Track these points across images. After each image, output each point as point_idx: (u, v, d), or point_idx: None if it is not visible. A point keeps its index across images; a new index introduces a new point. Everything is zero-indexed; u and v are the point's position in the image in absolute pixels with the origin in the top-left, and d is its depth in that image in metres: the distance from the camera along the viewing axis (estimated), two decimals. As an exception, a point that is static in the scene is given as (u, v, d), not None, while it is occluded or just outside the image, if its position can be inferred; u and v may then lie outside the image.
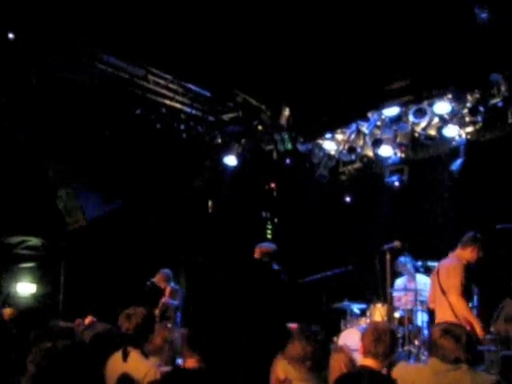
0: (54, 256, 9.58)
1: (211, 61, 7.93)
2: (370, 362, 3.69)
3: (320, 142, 9.59)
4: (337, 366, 3.81)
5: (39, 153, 8.61)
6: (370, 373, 3.61)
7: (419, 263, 8.34)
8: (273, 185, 11.06)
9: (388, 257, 7.09)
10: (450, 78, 7.56)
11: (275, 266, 7.63)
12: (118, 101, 8.60)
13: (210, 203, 10.73)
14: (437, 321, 5.92)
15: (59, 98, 8.14)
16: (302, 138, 9.16)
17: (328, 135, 9.34)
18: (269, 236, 10.96)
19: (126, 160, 8.85)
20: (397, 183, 9.84)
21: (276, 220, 11.21)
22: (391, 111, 8.32)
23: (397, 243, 7.16)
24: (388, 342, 3.76)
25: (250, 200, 10.76)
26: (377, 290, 7.67)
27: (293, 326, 8.57)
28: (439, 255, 8.34)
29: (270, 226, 11.16)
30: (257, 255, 7.40)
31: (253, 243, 7.89)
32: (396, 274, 8.77)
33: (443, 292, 5.92)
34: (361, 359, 3.79)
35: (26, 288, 9.72)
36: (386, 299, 7.51)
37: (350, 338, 7.33)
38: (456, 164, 8.97)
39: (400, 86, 7.63)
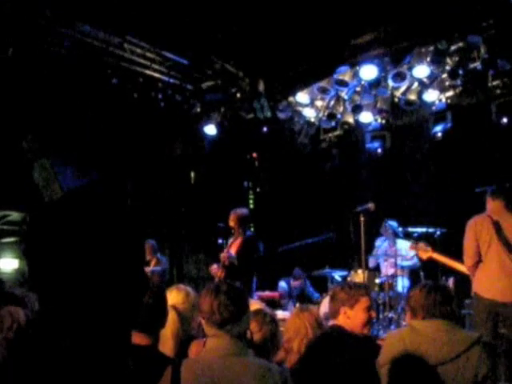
0: (36, 230, 9.46)
1: (188, 28, 7.78)
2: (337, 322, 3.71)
3: (300, 109, 9.50)
4: (302, 325, 3.81)
5: (13, 125, 8.47)
6: (341, 331, 3.62)
7: (400, 229, 8.34)
8: (254, 154, 10.98)
9: (362, 219, 7.04)
10: (426, 36, 7.42)
11: (248, 232, 7.60)
12: (93, 70, 8.44)
13: (192, 174, 10.64)
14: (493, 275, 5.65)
15: (34, 68, 7.98)
16: (278, 97, 9.02)
17: (307, 101, 9.23)
18: (251, 206, 10.93)
19: (103, 130, 8.72)
20: (379, 150, 9.81)
21: (258, 189, 11.16)
22: (368, 72, 8.19)
23: (371, 205, 7.10)
24: None
25: (232, 170, 10.68)
26: (357, 255, 7.65)
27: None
28: (420, 220, 8.38)
29: (251, 196, 11.11)
30: (233, 221, 7.39)
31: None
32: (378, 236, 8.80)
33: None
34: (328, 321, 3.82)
35: (8, 263, 9.63)
36: (364, 263, 7.48)
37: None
38: (439, 127, 8.93)
39: (369, 39, 7.48)
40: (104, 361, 2.43)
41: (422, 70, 8.04)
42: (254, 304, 3.98)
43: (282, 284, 9.36)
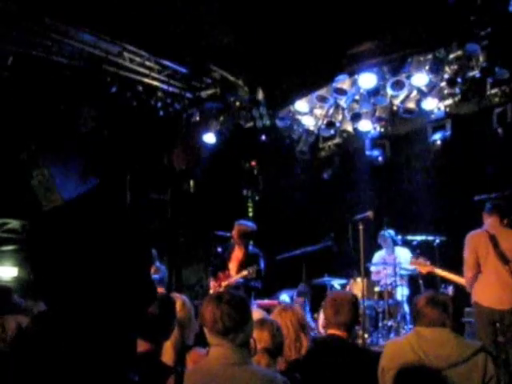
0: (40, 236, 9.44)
1: (187, 37, 7.79)
2: (334, 331, 3.68)
3: (299, 117, 9.51)
4: (283, 325, 3.78)
5: (12, 134, 8.46)
6: (337, 339, 3.59)
7: (399, 237, 8.32)
8: (253, 162, 10.96)
9: (361, 227, 7.02)
10: (425, 45, 7.42)
11: (254, 249, 7.57)
12: (93, 79, 8.45)
13: (191, 183, 10.62)
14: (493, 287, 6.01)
15: (33, 77, 7.99)
16: (277, 106, 9.02)
17: (306, 109, 9.24)
18: (250, 214, 10.91)
19: (102, 139, 8.70)
20: (380, 158, 9.80)
21: (257, 198, 11.15)
22: (367, 81, 8.20)
23: (369, 213, 7.08)
24: (348, 312, 3.75)
25: (231, 178, 10.67)
26: (355, 263, 7.62)
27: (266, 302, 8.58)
28: (419, 228, 8.37)
29: (250, 204, 11.10)
30: (235, 233, 7.36)
31: (234, 222, 7.88)
32: (378, 247, 8.78)
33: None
34: (326, 330, 3.79)
35: (7, 271, 9.60)
36: (363, 272, 7.45)
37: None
38: (438, 136, 8.93)
39: (368, 48, 7.47)
40: (106, 365, 2.41)
41: (420, 79, 8.06)
42: (255, 313, 3.96)
43: (284, 297, 9.13)
